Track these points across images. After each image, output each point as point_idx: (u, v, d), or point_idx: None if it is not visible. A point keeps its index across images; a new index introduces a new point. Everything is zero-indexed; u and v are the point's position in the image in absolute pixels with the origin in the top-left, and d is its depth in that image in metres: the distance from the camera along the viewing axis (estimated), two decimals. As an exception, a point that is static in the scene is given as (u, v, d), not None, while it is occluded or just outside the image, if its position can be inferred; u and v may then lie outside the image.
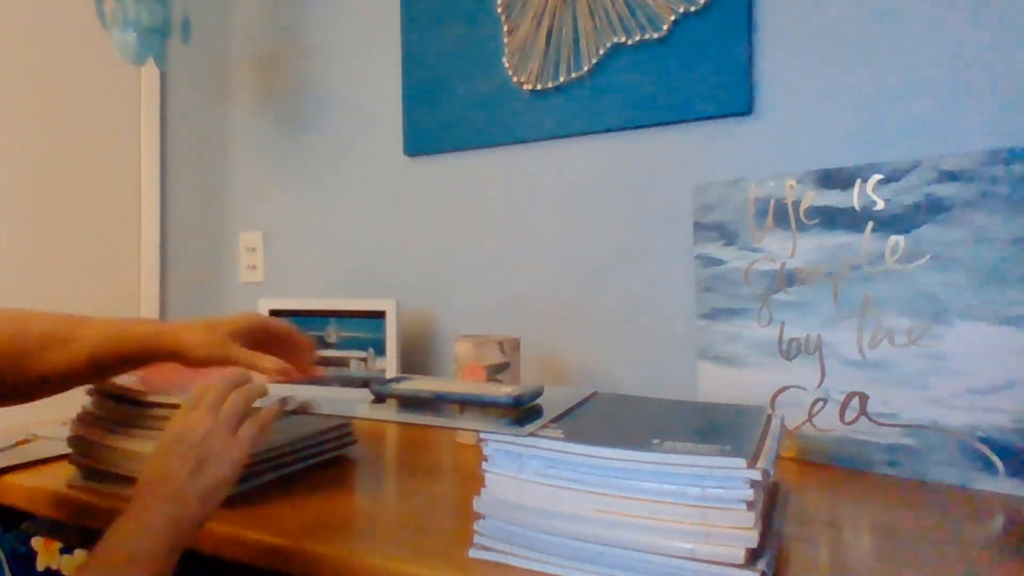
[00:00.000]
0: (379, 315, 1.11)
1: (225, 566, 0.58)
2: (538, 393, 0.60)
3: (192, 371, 0.76)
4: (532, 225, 1.11)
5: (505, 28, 1.10)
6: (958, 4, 0.82)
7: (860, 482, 0.71)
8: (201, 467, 0.50)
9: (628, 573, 0.45)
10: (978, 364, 0.69)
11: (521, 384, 0.69)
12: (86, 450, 0.68)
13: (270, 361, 0.63)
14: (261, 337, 0.67)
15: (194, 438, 0.51)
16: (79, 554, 0.71)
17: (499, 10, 1.11)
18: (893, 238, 0.73)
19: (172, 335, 0.62)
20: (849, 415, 0.76)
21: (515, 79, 1.09)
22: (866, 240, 0.75)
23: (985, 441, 0.68)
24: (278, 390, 0.73)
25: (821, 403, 0.77)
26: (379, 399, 0.64)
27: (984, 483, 0.68)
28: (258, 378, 0.62)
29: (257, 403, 0.58)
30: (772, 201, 0.81)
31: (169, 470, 0.49)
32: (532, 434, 0.49)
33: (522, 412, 0.56)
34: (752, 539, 0.42)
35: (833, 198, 0.77)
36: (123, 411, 0.67)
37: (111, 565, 0.45)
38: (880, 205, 0.74)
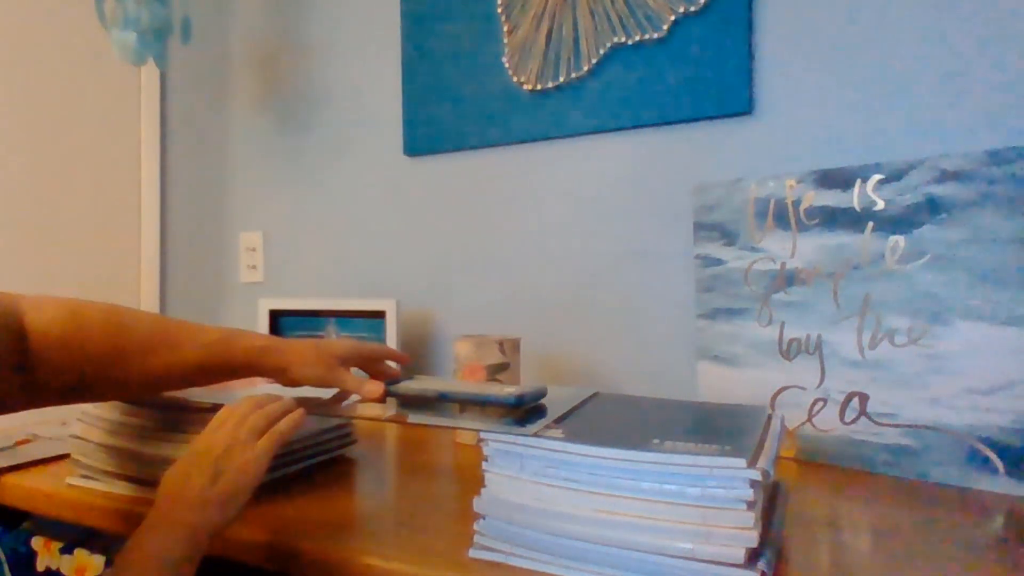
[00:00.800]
0: (379, 315, 1.11)
1: (225, 566, 0.58)
2: (542, 393, 0.60)
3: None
4: (532, 225, 1.11)
5: (505, 28, 1.10)
6: (958, 4, 0.82)
7: (860, 482, 0.71)
8: (219, 477, 0.51)
9: (628, 573, 0.45)
10: (978, 364, 0.69)
11: (522, 384, 0.69)
12: (86, 450, 0.68)
13: (373, 387, 0.64)
14: (363, 362, 0.69)
15: (215, 451, 0.52)
16: (79, 554, 0.71)
17: (499, 10, 1.11)
18: (893, 238, 0.73)
19: (280, 352, 0.63)
20: (849, 415, 0.76)
21: (515, 79, 1.09)
22: (866, 240, 0.75)
23: (985, 441, 0.68)
24: (271, 389, 0.73)
25: (821, 403, 0.77)
26: (385, 398, 0.64)
27: (984, 483, 0.68)
28: (290, 393, 0.63)
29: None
30: (772, 201, 0.81)
31: (189, 480, 0.50)
32: (533, 434, 0.49)
33: (524, 412, 0.56)
34: (752, 539, 0.42)
35: (833, 198, 0.77)
36: (123, 411, 0.67)
37: (132, 572, 0.45)
38: (880, 205, 0.74)
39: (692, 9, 0.95)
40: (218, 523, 0.50)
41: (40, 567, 0.73)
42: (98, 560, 0.70)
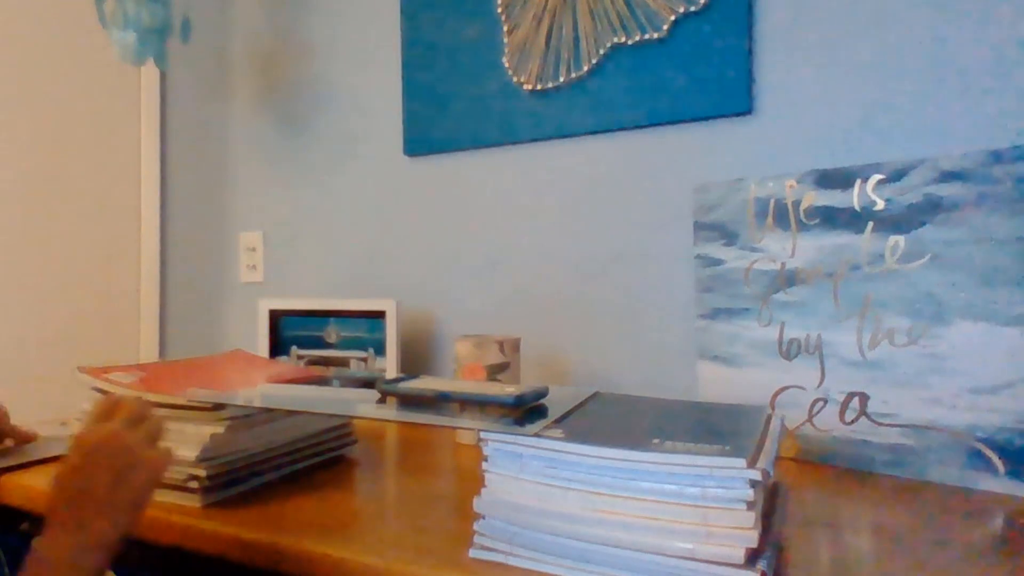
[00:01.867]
0: (379, 315, 1.12)
1: (225, 566, 0.58)
2: (542, 393, 0.60)
3: (194, 371, 0.76)
4: (532, 225, 1.11)
5: (505, 28, 1.10)
6: (958, 5, 0.82)
7: (860, 482, 0.71)
8: (126, 477, 0.47)
9: (628, 573, 0.45)
10: (978, 364, 0.69)
11: (522, 384, 0.69)
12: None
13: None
14: None
15: (114, 448, 0.48)
16: (79, 554, 0.71)
17: (499, 10, 1.11)
18: (893, 238, 0.73)
19: None
20: (849, 415, 0.76)
21: (515, 79, 1.09)
22: (866, 240, 0.75)
23: (985, 441, 0.68)
24: (277, 388, 0.73)
25: (821, 403, 0.77)
26: (386, 398, 0.64)
27: (984, 483, 0.68)
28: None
29: None
30: (772, 201, 0.81)
31: (91, 483, 0.46)
32: (534, 434, 0.49)
33: (524, 412, 0.56)
34: (752, 539, 0.42)
35: (833, 198, 0.77)
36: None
37: None
38: (880, 205, 0.74)
39: (692, 9, 0.95)
40: (127, 526, 0.47)
41: (40, 567, 0.72)
42: (98, 560, 0.69)
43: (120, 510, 0.47)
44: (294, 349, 1.19)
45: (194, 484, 0.62)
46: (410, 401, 0.64)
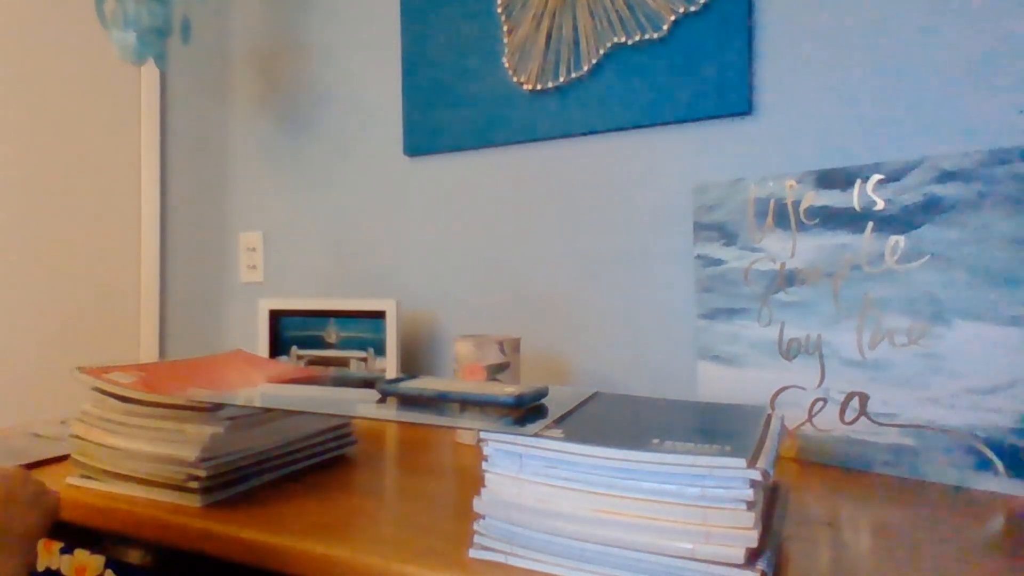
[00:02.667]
0: (379, 315, 1.12)
1: (225, 566, 0.58)
2: (542, 393, 0.60)
3: (194, 371, 0.76)
4: (532, 225, 1.11)
5: (505, 28, 1.10)
6: (958, 4, 0.82)
7: (860, 482, 0.71)
8: (40, 495, 0.53)
9: (628, 573, 0.45)
10: (978, 364, 0.69)
11: (522, 384, 0.69)
12: (86, 450, 0.68)
13: None
14: None
15: (19, 473, 0.53)
16: (79, 554, 0.71)
17: (499, 10, 1.11)
18: (893, 238, 0.73)
19: None
20: (849, 415, 0.76)
21: (515, 79, 1.09)
22: (866, 240, 0.75)
23: (985, 441, 0.68)
24: (277, 388, 0.73)
25: (821, 403, 0.77)
26: (386, 398, 0.64)
27: (984, 483, 0.68)
28: None
29: None
30: (772, 201, 0.81)
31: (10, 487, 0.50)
32: (533, 434, 0.49)
33: (524, 412, 0.56)
34: (752, 539, 0.42)
35: (833, 198, 0.77)
36: (123, 411, 0.67)
37: None
38: (880, 205, 0.74)
39: (692, 9, 0.95)
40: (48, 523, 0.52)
41: (40, 567, 0.73)
42: (98, 560, 0.70)
43: (40, 512, 0.52)
44: (294, 349, 1.19)
45: (194, 484, 0.62)
46: (410, 401, 0.64)
